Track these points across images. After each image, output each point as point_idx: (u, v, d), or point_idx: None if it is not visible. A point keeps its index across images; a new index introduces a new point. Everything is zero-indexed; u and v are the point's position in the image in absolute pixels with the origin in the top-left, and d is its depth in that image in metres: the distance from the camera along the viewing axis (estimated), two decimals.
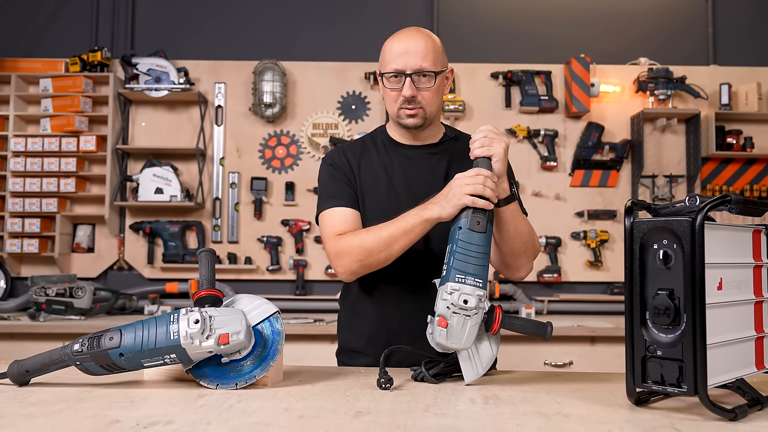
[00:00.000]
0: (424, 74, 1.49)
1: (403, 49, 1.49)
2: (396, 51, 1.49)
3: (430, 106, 1.53)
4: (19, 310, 3.47)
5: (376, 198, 1.56)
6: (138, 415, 0.99)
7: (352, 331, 1.65)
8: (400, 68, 1.48)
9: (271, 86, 3.66)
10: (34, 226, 3.59)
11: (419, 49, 1.48)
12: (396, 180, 1.57)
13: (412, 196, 1.53)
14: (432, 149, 1.61)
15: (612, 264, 3.72)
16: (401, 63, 1.48)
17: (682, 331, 0.98)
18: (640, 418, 1.01)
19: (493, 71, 3.78)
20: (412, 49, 1.48)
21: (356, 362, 1.59)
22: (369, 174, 1.58)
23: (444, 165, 1.58)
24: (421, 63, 1.48)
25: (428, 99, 1.51)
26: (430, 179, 1.55)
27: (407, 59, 1.48)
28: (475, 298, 1.22)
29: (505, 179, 1.41)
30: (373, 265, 1.46)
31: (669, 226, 1.00)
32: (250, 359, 1.20)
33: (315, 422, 0.97)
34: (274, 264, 3.69)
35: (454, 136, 1.64)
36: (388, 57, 1.51)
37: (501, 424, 0.98)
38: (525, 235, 1.50)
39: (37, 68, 3.72)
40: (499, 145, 1.36)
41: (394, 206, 1.51)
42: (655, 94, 3.68)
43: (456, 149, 1.59)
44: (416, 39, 1.50)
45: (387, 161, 1.59)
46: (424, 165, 1.59)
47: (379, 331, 1.58)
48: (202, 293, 1.21)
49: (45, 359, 1.17)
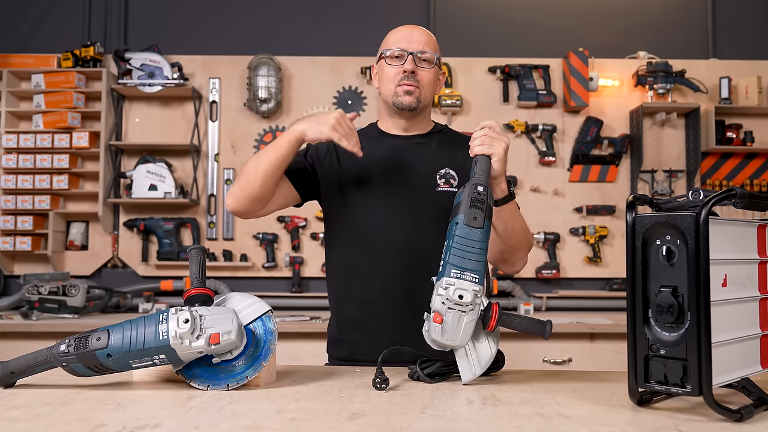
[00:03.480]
0: (425, 57, 1.59)
1: (407, 34, 1.61)
2: (399, 35, 1.61)
3: (426, 90, 1.61)
4: (12, 309, 3.43)
5: (365, 184, 1.62)
6: (125, 418, 0.96)
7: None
8: (403, 47, 1.59)
9: (266, 81, 3.62)
10: (26, 224, 3.55)
11: (422, 37, 1.61)
12: (384, 167, 1.63)
13: (400, 180, 1.61)
14: (421, 139, 1.67)
15: (611, 260, 3.70)
16: (405, 43, 1.59)
17: (686, 330, 0.95)
18: (642, 419, 0.98)
19: (491, 65, 3.75)
20: (416, 36, 1.61)
21: (342, 348, 1.64)
22: (355, 163, 1.61)
23: (431, 153, 1.64)
24: (424, 46, 1.60)
25: (426, 81, 1.60)
26: (417, 165, 1.62)
27: (411, 41, 1.60)
28: (471, 294, 1.20)
29: (504, 178, 1.45)
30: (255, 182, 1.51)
31: (672, 221, 0.97)
32: (241, 359, 1.17)
33: (308, 425, 0.94)
34: (270, 261, 3.66)
35: (442, 129, 1.72)
36: (391, 40, 1.62)
37: (500, 425, 0.95)
38: (521, 231, 1.55)
39: (29, 64, 3.68)
40: (499, 145, 1.38)
41: (383, 191, 1.60)
42: (654, 88, 3.65)
43: (444, 139, 1.68)
44: (419, 30, 1.63)
45: (375, 150, 1.63)
46: (411, 151, 1.65)
47: (364, 316, 1.61)
48: (192, 292, 1.18)
49: (30, 360, 1.14)
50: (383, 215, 1.59)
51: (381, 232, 1.59)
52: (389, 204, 1.60)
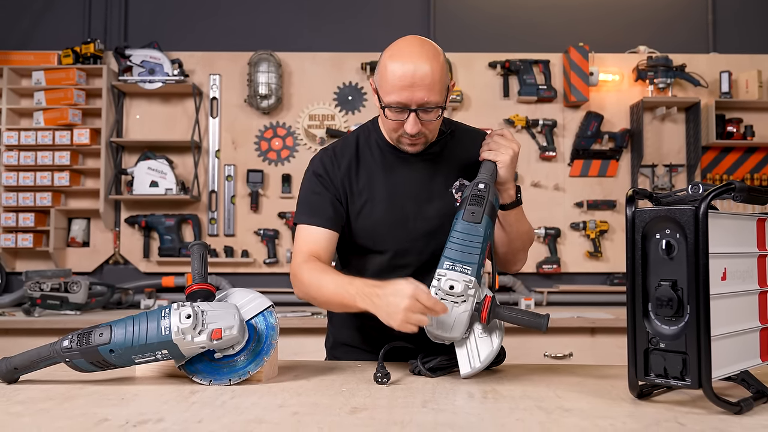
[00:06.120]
0: (430, 109, 1.36)
1: (408, 81, 1.32)
2: (399, 81, 1.33)
3: (433, 133, 1.45)
4: (14, 306, 3.44)
5: (377, 206, 1.48)
6: (128, 413, 0.97)
7: (348, 327, 1.60)
8: (404, 102, 1.34)
9: (267, 77, 3.62)
10: (28, 221, 3.55)
11: (425, 81, 1.32)
12: (397, 187, 1.49)
13: (415, 202, 1.48)
14: (430, 149, 1.50)
15: (612, 254, 3.70)
16: (405, 97, 1.33)
17: (686, 323, 0.96)
18: (642, 411, 0.99)
19: (491, 60, 3.74)
20: (417, 81, 1.32)
21: (353, 358, 1.55)
22: (366, 182, 1.49)
23: (443, 167, 1.51)
24: (428, 97, 1.34)
25: (431, 128, 1.42)
26: (431, 185, 1.49)
27: (412, 93, 1.33)
28: (462, 285, 1.21)
29: (512, 184, 1.43)
30: (317, 304, 1.44)
31: (672, 215, 0.97)
32: (243, 354, 1.18)
33: (309, 419, 0.95)
34: (271, 257, 3.66)
35: (450, 131, 1.55)
36: (389, 86, 1.35)
37: (500, 419, 0.96)
38: (525, 234, 1.53)
39: (30, 61, 3.68)
40: (506, 152, 1.37)
41: (398, 214, 1.47)
42: (655, 83, 3.65)
43: (454, 147, 1.53)
44: (421, 64, 1.33)
45: (386, 167, 1.50)
46: (423, 169, 1.50)
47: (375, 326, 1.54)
48: (194, 287, 1.19)
49: (33, 356, 1.15)
50: (401, 240, 1.48)
51: (401, 257, 1.48)
52: (406, 227, 1.48)
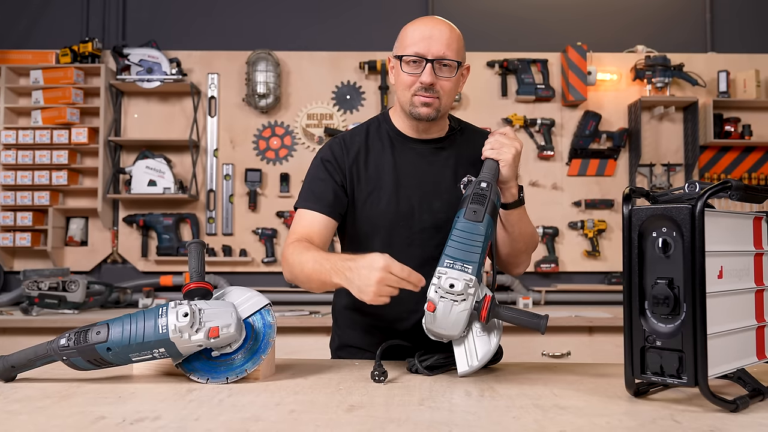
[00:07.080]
0: (446, 63, 1.41)
1: (427, 34, 1.40)
2: (418, 35, 1.41)
3: (447, 98, 1.45)
4: (12, 305, 3.44)
5: (383, 196, 1.49)
6: (125, 411, 0.97)
7: (353, 329, 1.60)
8: (421, 52, 1.40)
9: (265, 76, 3.62)
10: (26, 220, 3.55)
11: (443, 37, 1.40)
12: (405, 178, 1.50)
13: (422, 194, 1.49)
14: (440, 143, 1.53)
15: (610, 254, 3.71)
16: (423, 47, 1.40)
17: (682, 321, 0.96)
18: (639, 409, 0.99)
19: (489, 60, 3.75)
20: (436, 35, 1.40)
21: (358, 359, 1.54)
22: (374, 171, 1.50)
23: (452, 162, 1.52)
24: (445, 50, 1.40)
25: (446, 89, 1.43)
26: (439, 178, 1.50)
27: (430, 44, 1.40)
28: (462, 283, 1.20)
29: (515, 183, 1.42)
30: (301, 284, 1.42)
31: (668, 213, 0.97)
32: (241, 353, 1.18)
33: (306, 417, 0.95)
34: (270, 256, 3.66)
35: (460, 128, 1.58)
36: (408, 40, 1.42)
37: (497, 417, 0.96)
38: (528, 235, 1.52)
39: (28, 60, 3.67)
40: (508, 151, 1.37)
41: (405, 206, 1.48)
42: (653, 82, 3.65)
43: (463, 143, 1.55)
44: (441, 26, 1.43)
45: (395, 157, 1.51)
46: (433, 161, 1.52)
47: (380, 327, 1.53)
48: (191, 286, 1.19)
49: (30, 354, 1.15)
50: (406, 231, 1.49)
51: (405, 248, 1.47)
52: (412, 218, 1.49)
